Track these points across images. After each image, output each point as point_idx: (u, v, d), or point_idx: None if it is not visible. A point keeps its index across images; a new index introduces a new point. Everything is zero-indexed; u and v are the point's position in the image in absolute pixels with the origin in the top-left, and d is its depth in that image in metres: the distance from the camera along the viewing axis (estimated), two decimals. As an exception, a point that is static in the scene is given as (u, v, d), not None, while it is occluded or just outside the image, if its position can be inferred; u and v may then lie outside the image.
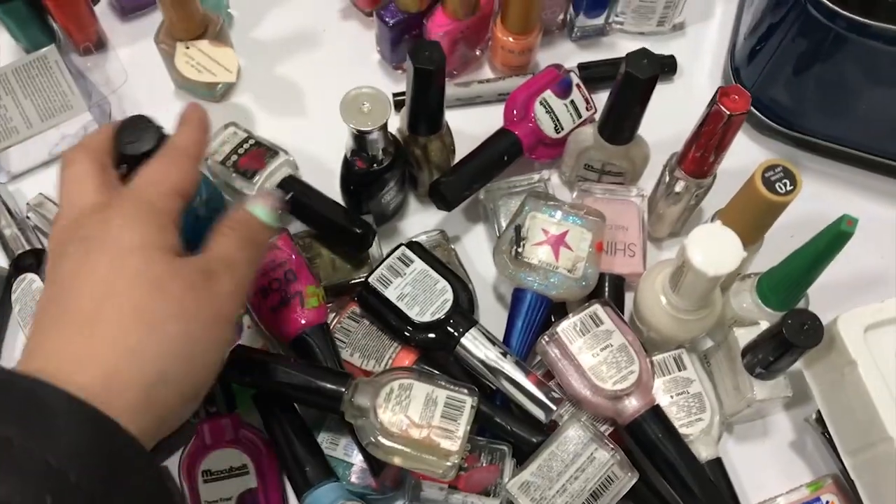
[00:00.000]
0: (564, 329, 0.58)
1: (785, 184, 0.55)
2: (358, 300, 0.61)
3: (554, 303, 0.62)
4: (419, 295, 0.59)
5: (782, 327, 0.53)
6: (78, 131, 0.72)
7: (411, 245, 0.62)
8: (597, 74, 0.75)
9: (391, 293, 0.60)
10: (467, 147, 0.68)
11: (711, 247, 0.54)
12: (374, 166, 0.63)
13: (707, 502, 0.55)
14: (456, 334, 0.58)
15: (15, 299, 0.64)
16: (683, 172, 0.62)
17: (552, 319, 0.63)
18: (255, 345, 0.63)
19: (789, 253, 0.58)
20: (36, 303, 0.63)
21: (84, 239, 0.41)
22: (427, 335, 0.59)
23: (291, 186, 0.65)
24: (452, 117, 0.68)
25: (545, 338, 0.59)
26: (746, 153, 0.74)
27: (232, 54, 0.69)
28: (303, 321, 0.59)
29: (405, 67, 0.77)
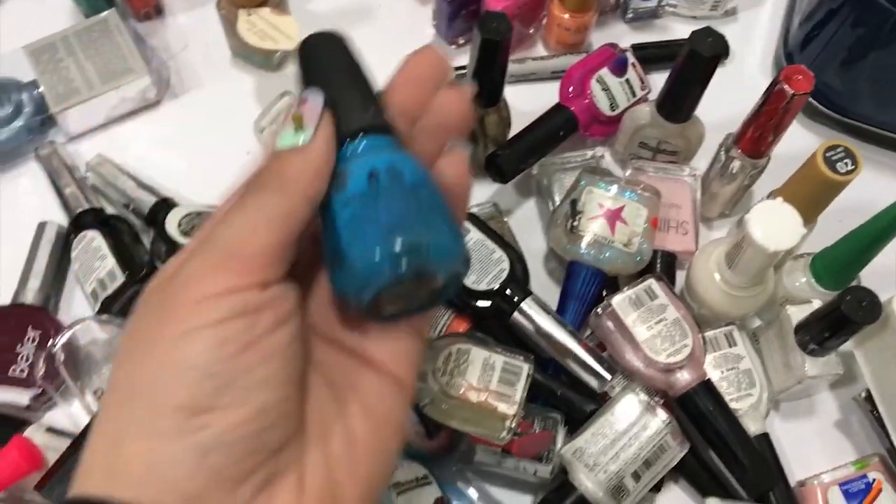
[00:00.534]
0: (619, 302, 0.59)
1: (846, 163, 0.56)
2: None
3: (607, 278, 0.63)
4: (476, 264, 0.60)
5: (840, 303, 0.53)
6: (136, 95, 0.72)
7: (468, 216, 0.63)
8: (650, 56, 0.76)
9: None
10: (519, 124, 0.69)
11: (772, 223, 0.54)
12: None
13: (756, 474, 0.57)
14: (513, 303, 0.59)
15: (74, 256, 0.65)
16: (740, 152, 0.63)
17: (604, 294, 0.64)
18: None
19: (839, 238, 0.58)
20: (89, 255, 0.64)
21: None
22: (484, 303, 0.60)
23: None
24: (506, 93, 0.68)
25: (599, 310, 0.60)
26: (798, 139, 0.74)
27: (292, 22, 0.70)
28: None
29: (460, 42, 0.79)
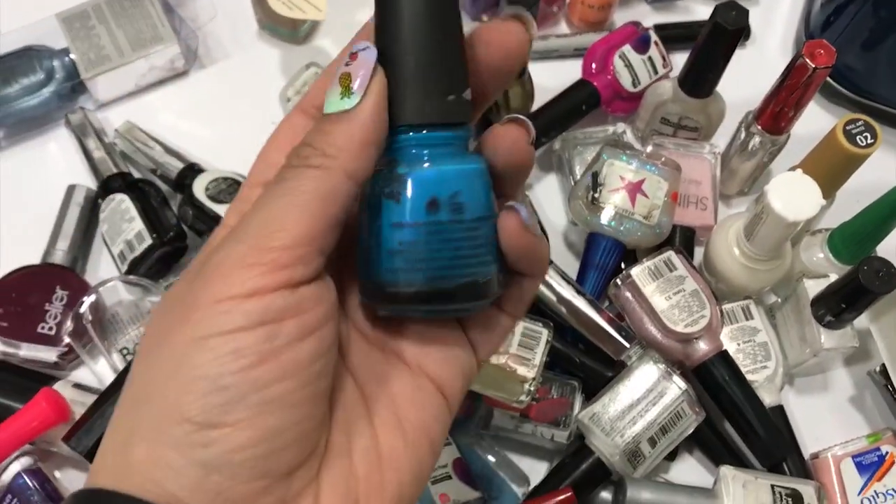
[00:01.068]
0: (638, 273, 0.60)
1: (866, 137, 0.56)
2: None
3: (626, 251, 0.64)
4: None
5: (857, 273, 0.54)
6: (165, 63, 0.74)
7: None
8: (672, 36, 0.76)
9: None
10: (541, 100, 0.70)
11: (792, 193, 0.55)
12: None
13: (770, 442, 0.57)
14: (533, 270, 0.60)
15: (103, 218, 0.66)
16: (760, 128, 0.63)
17: (622, 267, 0.65)
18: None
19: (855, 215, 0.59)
20: (117, 217, 0.65)
21: None
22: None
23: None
24: (529, 68, 0.69)
25: (618, 280, 0.60)
26: (816, 119, 0.75)
27: (321, -6, 0.71)
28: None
29: (484, 19, 0.80)
